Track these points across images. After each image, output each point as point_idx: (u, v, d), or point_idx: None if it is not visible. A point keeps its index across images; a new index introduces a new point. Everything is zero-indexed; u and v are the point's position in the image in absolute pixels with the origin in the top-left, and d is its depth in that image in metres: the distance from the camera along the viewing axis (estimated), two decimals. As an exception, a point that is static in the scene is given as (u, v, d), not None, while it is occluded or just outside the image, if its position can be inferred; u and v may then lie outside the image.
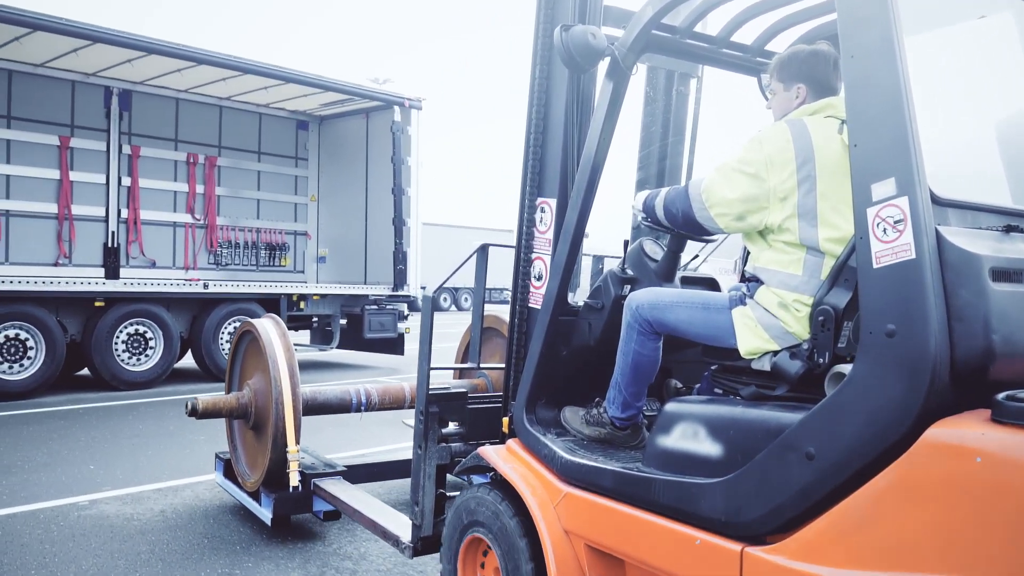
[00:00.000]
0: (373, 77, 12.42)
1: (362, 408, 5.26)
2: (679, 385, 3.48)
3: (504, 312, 5.21)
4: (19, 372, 9.57)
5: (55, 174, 11.16)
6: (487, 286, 4.11)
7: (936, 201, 2.07)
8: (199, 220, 12.83)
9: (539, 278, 3.40)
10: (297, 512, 4.84)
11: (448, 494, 3.79)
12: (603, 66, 3.06)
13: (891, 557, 1.98)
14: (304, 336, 13.78)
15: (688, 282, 3.45)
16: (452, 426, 3.91)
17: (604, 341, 3.22)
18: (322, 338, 13.20)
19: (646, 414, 3.21)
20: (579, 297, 3.57)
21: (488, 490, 3.28)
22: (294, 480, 4.61)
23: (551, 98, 3.36)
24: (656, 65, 3.73)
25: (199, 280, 11.60)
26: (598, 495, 2.84)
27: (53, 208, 11.15)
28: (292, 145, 14.08)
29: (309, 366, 13.27)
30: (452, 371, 5.57)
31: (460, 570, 3.37)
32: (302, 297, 12.33)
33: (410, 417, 5.84)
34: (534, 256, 3.43)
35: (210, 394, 5.10)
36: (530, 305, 3.43)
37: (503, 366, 4.65)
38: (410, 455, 5.52)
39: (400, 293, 12.63)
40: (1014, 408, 1.87)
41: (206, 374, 11.45)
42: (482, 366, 4.41)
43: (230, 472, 5.34)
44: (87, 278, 10.56)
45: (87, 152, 11.48)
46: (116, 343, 10.35)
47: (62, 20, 9.30)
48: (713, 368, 2.87)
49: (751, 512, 2.32)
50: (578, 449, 3.05)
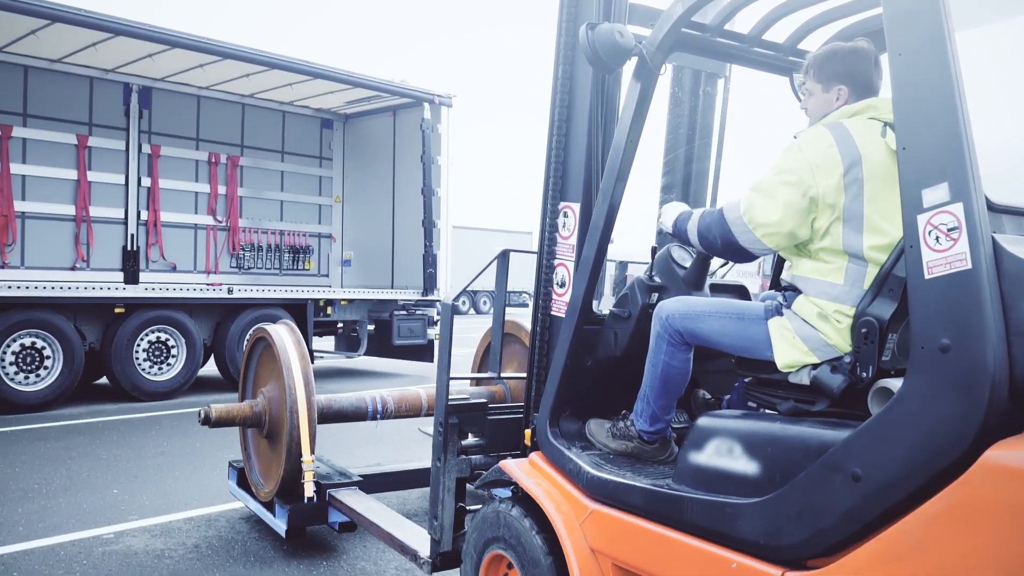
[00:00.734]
0: (389, 77, 12.08)
1: (378, 416, 5.17)
2: (708, 396, 3.36)
3: (523, 317, 5.11)
4: (36, 383, 9.13)
5: (72, 174, 10.86)
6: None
7: (991, 208, 1.95)
8: (221, 222, 12.49)
9: (562, 285, 3.29)
10: (312, 524, 4.75)
11: (468, 508, 3.69)
12: (629, 66, 2.95)
13: (947, 587, 1.86)
14: (328, 343, 13.31)
15: (717, 289, 3.33)
16: (472, 438, 3.81)
17: (631, 351, 3.10)
18: (347, 344, 12.81)
19: (674, 427, 3.10)
20: (603, 305, 3.46)
21: (510, 505, 3.17)
22: (309, 491, 4.52)
23: (574, 99, 3.25)
24: (682, 65, 3.62)
25: (222, 284, 11.26)
26: (627, 513, 2.73)
27: (70, 210, 10.83)
28: (316, 144, 13.73)
29: (335, 374, 12.90)
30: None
31: (482, 587, 3.26)
32: (329, 302, 11.91)
33: (426, 424, 5.76)
34: (557, 262, 3.32)
35: (223, 403, 5.01)
36: (552, 313, 3.32)
37: (523, 375, 4.58)
38: (426, 464, 5.49)
39: (430, 298, 12.28)
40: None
41: (230, 383, 10.90)
42: (503, 376, 4.30)
43: (243, 481, 5.26)
44: (106, 283, 10.23)
45: (106, 151, 11.17)
46: (137, 351, 9.94)
47: (82, 11, 8.90)
48: (746, 380, 2.75)
49: (792, 535, 2.21)
50: (604, 464, 2.94)
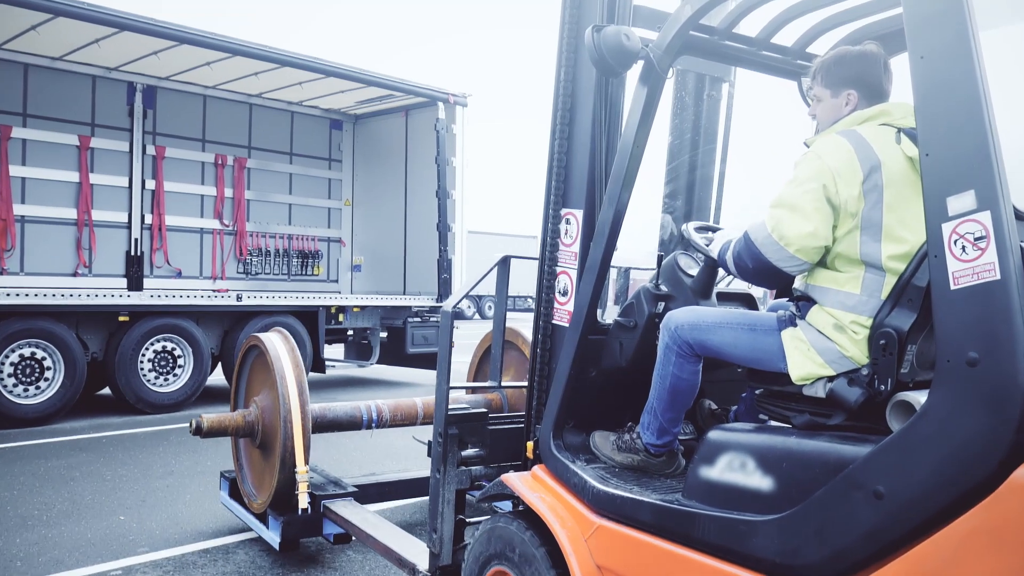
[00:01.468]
0: (400, 75, 11.72)
1: (373, 425, 5.09)
2: (714, 407, 3.29)
3: (520, 323, 5.03)
4: (35, 395, 8.66)
5: (74, 176, 10.50)
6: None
7: (1019, 216, 1.89)
8: (227, 226, 12.10)
9: (564, 293, 3.21)
10: (306, 536, 4.66)
11: (468, 520, 3.61)
12: (632, 70, 2.88)
13: (976, 610, 1.79)
14: (338, 351, 12.86)
15: (723, 298, 3.26)
16: (471, 448, 3.72)
17: (636, 362, 3.03)
18: (358, 353, 12.40)
19: (679, 439, 3.02)
20: (605, 314, 3.39)
21: (512, 520, 3.09)
22: (303, 502, 4.42)
23: (576, 104, 3.18)
24: (686, 68, 3.55)
25: (228, 291, 10.88)
26: (634, 529, 2.65)
27: (72, 213, 10.41)
28: (325, 146, 13.37)
29: (346, 383, 12.49)
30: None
31: (483, 604, 3.17)
32: (341, 309, 11.56)
33: (421, 433, 5.67)
34: (559, 270, 3.24)
35: (215, 413, 4.90)
36: (554, 322, 3.24)
37: (521, 384, 4.50)
38: (422, 473, 5.42)
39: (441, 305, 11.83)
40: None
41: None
42: (504, 385, 4.23)
43: (235, 492, 5.16)
44: (109, 289, 9.85)
45: (108, 153, 10.81)
46: (142, 361, 9.48)
47: (85, 5, 8.52)
48: (758, 392, 2.68)
49: (810, 554, 2.13)
50: (611, 478, 2.86)
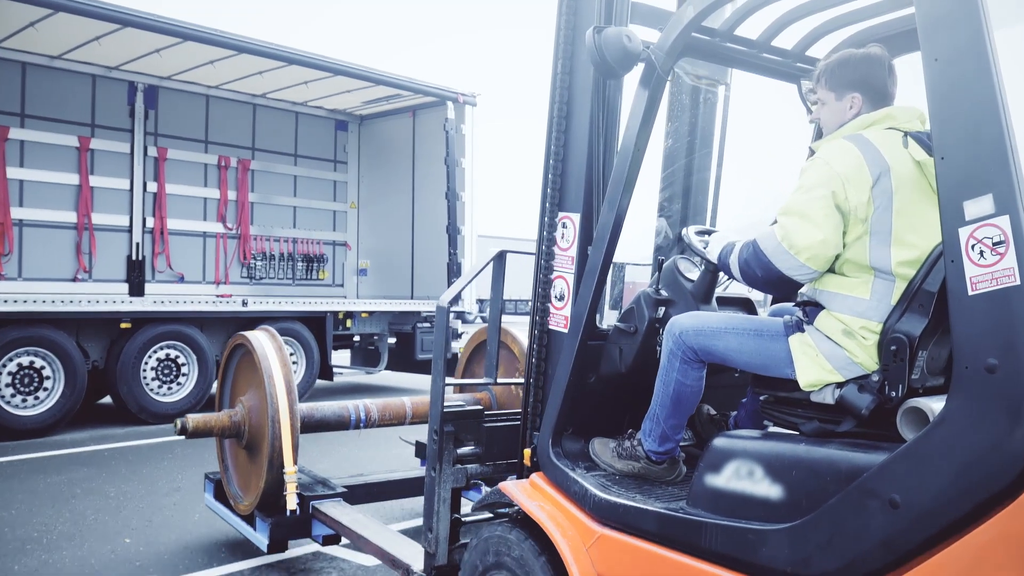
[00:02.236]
0: (407, 74, 11.42)
1: (361, 425, 5.02)
2: (713, 412, 3.25)
3: (509, 324, 4.99)
4: (35, 406, 8.27)
5: (74, 179, 10.19)
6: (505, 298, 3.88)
7: (1035, 220, 1.86)
8: (231, 229, 11.81)
9: (560, 298, 3.16)
10: (295, 537, 4.56)
11: (464, 519, 3.55)
12: (633, 72, 2.84)
13: (998, 622, 1.76)
14: (344, 357, 12.44)
15: (722, 302, 3.23)
16: (467, 446, 3.67)
17: (637, 367, 2.98)
18: (365, 359, 12.10)
19: (681, 445, 2.98)
20: (603, 319, 3.34)
21: (510, 528, 3.04)
22: (292, 503, 4.32)
23: (573, 106, 3.13)
24: (684, 71, 3.52)
25: (232, 296, 10.62)
26: (637, 538, 2.61)
27: (72, 217, 10.10)
28: (331, 147, 13.07)
29: (354, 391, 12.10)
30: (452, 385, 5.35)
31: (481, 615, 3.12)
32: (349, 315, 11.29)
33: (408, 433, 5.62)
34: (555, 275, 3.19)
35: (200, 413, 4.79)
36: (550, 327, 3.19)
37: (517, 381, 4.45)
38: (410, 473, 5.36)
39: (455, 309, 11.38)
40: None
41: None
42: (499, 381, 4.17)
43: (220, 494, 5.05)
44: (111, 295, 9.55)
45: (109, 154, 10.51)
46: (144, 370, 9.10)
47: (85, 0, 8.18)
48: (763, 399, 2.64)
49: (823, 563, 2.10)
50: (612, 486, 2.81)
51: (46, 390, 8.40)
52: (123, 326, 9.09)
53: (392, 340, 11.93)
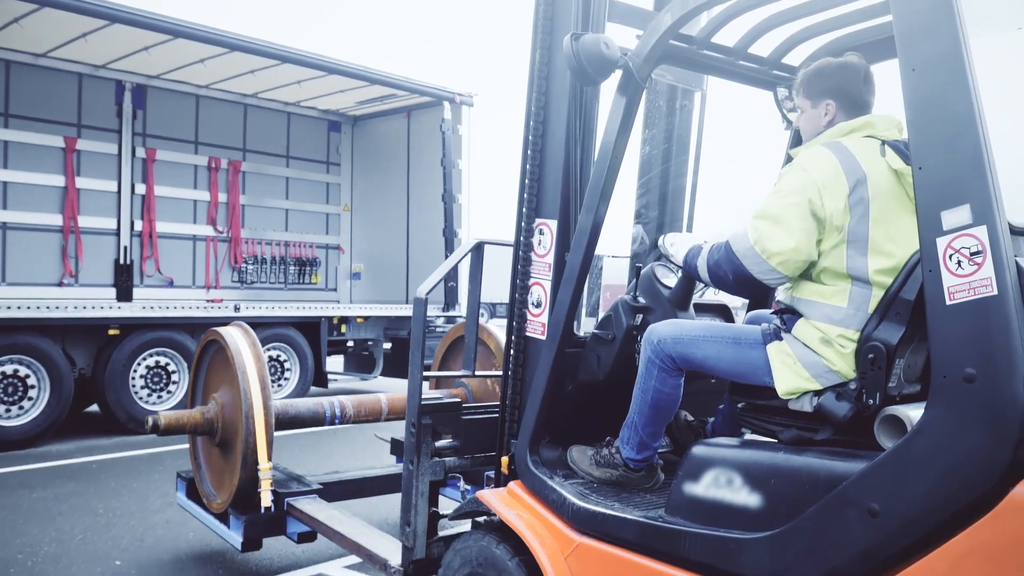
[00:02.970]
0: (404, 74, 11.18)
1: (336, 421, 4.96)
2: (690, 418, 3.25)
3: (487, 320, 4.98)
4: (19, 416, 7.96)
5: (59, 180, 9.86)
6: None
7: (1014, 231, 1.88)
8: (221, 233, 11.50)
9: (538, 305, 3.15)
10: (269, 535, 4.46)
11: (441, 513, 3.52)
12: (611, 78, 2.83)
13: (976, 630, 1.77)
14: (337, 363, 12.16)
15: (699, 309, 3.23)
16: (445, 439, 3.64)
17: (614, 375, 2.98)
18: (359, 365, 11.84)
19: (659, 452, 2.98)
20: (580, 326, 3.33)
21: (483, 535, 3.03)
22: (266, 500, 4.25)
23: (550, 112, 3.12)
24: (660, 77, 3.52)
25: (222, 300, 10.35)
26: (616, 546, 2.60)
27: (57, 220, 9.83)
28: (323, 148, 12.76)
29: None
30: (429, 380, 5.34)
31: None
32: (343, 319, 11.02)
33: (383, 431, 5.56)
34: (532, 282, 3.18)
35: (173, 410, 4.69)
36: (527, 334, 3.18)
37: (495, 374, 4.44)
38: (386, 470, 5.31)
39: (451, 314, 11.29)
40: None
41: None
42: (477, 374, 4.15)
43: (193, 492, 4.96)
44: (98, 300, 9.25)
45: (96, 155, 10.17)
46: (133, 377, 8.81)
47: None
48: (741, 406, 2.65)
49: (801, 572, 2.10)
50: (590, 494, 2.80)
51: (31, 399, 8.11)
52: (111, 332, 8.79)
53: (387, 345, 11.72)
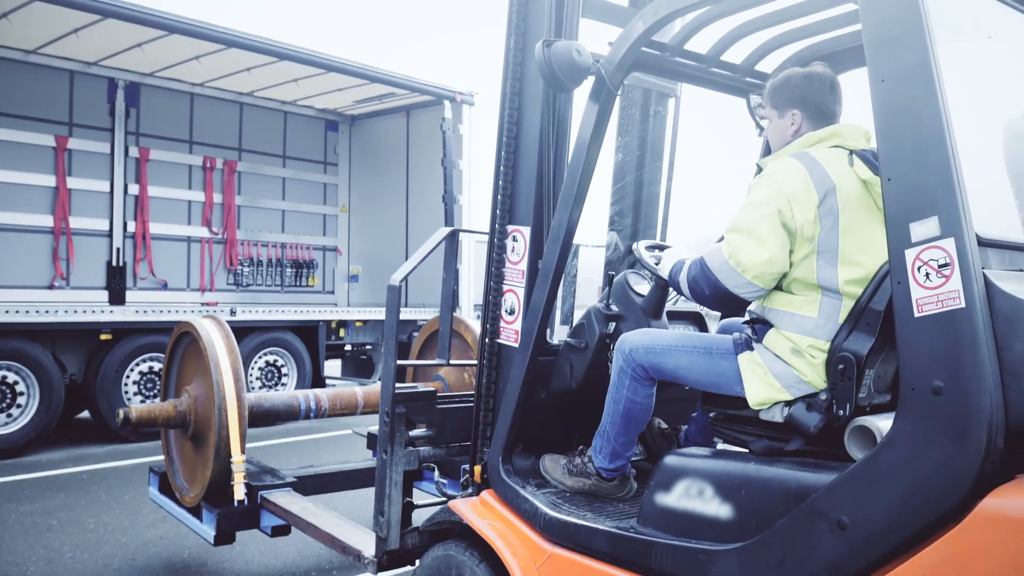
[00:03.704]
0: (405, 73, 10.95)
1: (311, 415, 4.92)
2: (663, 426, 3.25)
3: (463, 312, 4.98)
4: (7, 424, 7.67)
5: (50, 181, 9.56)
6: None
7: (981, 243, 1.88)
8: (217, 234, 11.23)
9: (511, 312, 3.13)
10: (243, 528, 4.40)
11: (416, 503, 3.50)
12: (584, 85, 2.82)
13: (944, 643, 1.76)
14: (335, 367, 11.89)
15: (673, 317, 3.22)
16: (419, 428, 3.62)
17: (587, 384, 2.96)
18: (357, 369, 11.58)
19: (631, 460, 2.97)
20: (553, 335, 3.32)
21: (453, 545, 3.01)
22: (239, 493, 4.19)
23: (523, 119, 3.09)
24: (634, 84, 3.51)
25: (217, 303, 10.10)
26: (588, 556, 2.58)
27: (48, 221, 9.53)
28: (320, 148, 12.48)
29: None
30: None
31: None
32: (342, 323, 10.77)
33: (361, 426, 5.52)
34: (505, 288, 3.16)
35: (144, 403, 4.60)
36: (500, 341, 3.15)
37: (471, 362, 4.42)
38: (361, 464, 5.26)
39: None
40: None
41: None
42: (452, 363, 4.13)
43: (166, 487, 4.89)
44: (89, 303, 8.99)
45: (88, 155, 9.88)
46: (126, 384, 8.54)
47: None
48: (712, 416, 2.64)
49: (772, 584, 2.09)
50: (562, 503, 2.78)
51: (20, 407, 7.83)
52: (103, 337, 8.55)
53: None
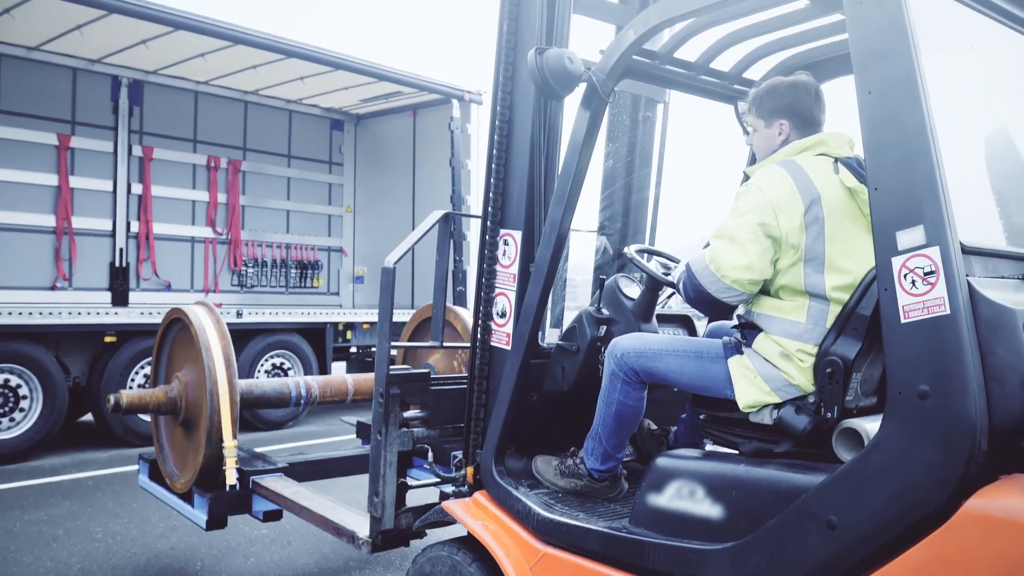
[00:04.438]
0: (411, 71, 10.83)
1: (302, 401, 4.94)
2: (654, 427, 3.29)
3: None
4: (10, 428, 7.50)
5: (52, 180, 9.41)
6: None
7: (965, 250, 1.93)
8: (221, 234, 11.08)
9: (502, 315, 3.16)
10: (235, 512, 4.40)
11: (410, 484, 3.52)
12: (575, 91, 2.85)
13: (930, 640, 1.82)
14: (341, 368, 11.71)
15: (663, 320, 3.27)
16: (413, 410, 3.65)
17: (578, 386, 3.01)
18: (362, 371, 11.24)
19: (623, 461, 3.02)
20: (545, 337, 3.36)
21: (443, 546, 3.05)
22: (231, 478, 4.20)
23: (515, 124, 3.13)
24: (623, 90, 3.56)
25: (221, 305, 9.88)
26: (581, 556, 2.62)
27: (50, 220, 9.38)
28: (326, 148, 12.31)
29: (357, 405, 11.12)
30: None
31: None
32: (349, 326, 10.68)
33: (350, 415, 5.52)
34: (496, 292, 3.19)
35: (135, 389, 4.55)
36: (492, 344, 3.19)
37: (463, 345, 4.46)
38: (353, 451, 5.27)
39: None
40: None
41: (242, 424, 8.93)
42: (445, 345, 4.17)
43: (156, 474, 4.87)
44: (93, 304, 8.87)
45: (90, 154, 9.71)
46: (131, 387, 8.20)
47: None
48: (703, 418, 2.69)
49: (762, 583, 2.14)
50: (555, 504, 2.83)
51: (23, 411, 7.65)
52: (107, 340, 8.40)
53: (394, 352, 11.50)
